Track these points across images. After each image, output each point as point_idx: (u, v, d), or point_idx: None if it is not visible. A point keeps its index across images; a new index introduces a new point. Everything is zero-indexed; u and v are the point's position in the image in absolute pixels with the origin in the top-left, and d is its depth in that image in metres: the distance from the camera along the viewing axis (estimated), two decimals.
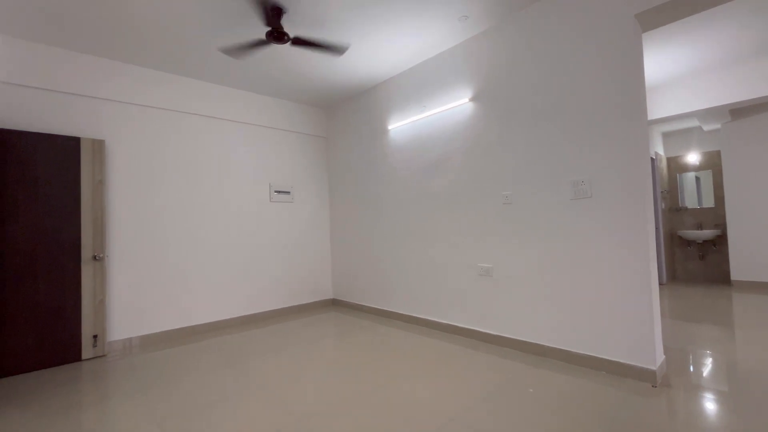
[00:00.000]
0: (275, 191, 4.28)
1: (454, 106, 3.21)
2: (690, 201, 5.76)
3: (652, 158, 5.26)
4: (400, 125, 3.74)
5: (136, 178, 3.34)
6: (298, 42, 2.75)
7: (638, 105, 2.21)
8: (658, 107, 4.66)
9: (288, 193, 4.41)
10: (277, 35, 2.58)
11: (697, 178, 5.70)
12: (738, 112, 4.95)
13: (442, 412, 1.91)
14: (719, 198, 5.46)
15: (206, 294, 3.70)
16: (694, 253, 5.65)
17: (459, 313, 3.18)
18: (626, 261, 2.23)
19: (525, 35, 2.73)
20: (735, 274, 4.99)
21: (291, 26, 2.85)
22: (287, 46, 3.15)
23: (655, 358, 2.12)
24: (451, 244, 3.25)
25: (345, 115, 4.51)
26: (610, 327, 2.29)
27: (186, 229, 3.60)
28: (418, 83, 3.55)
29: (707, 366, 2.39)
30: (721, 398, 1.96)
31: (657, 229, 5.27)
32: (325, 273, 4.72)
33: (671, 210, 5.86)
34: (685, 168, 5.79)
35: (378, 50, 3.27)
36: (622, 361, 2.24)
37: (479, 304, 3.03)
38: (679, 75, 4.29)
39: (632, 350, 2.20)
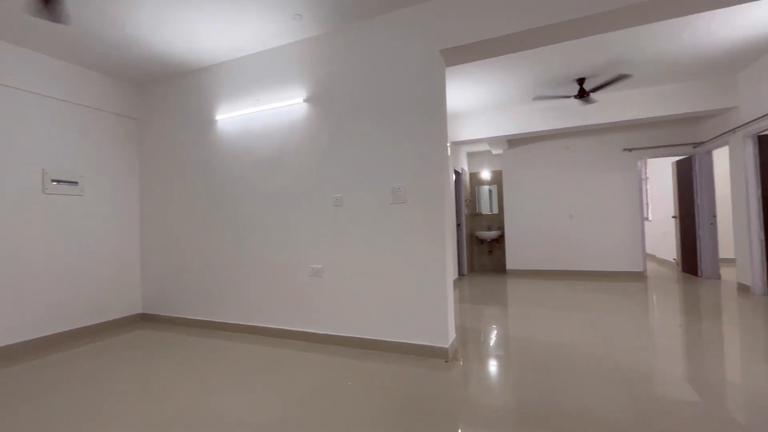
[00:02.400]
0: (53, 180, 3.28)
1: (289, 104, 3.14)
2: (485, 208, 7.30)
3: (458, 172, 6.43)
4: (231, 117, 3.43)
5: None
6: None
7: (440, 127, 2.64)
8: (464, 131, 5.73)
9: (75, 183, 3.44)
10: None
11: (490, 191, 7.27)
12: (513, 141, 6.57)
13: (252, 426, 1.82)
14: (501, 206, 7.11)
15: None
16: (485, 250, 7.19)
17: (291, 316, 3.13)
18: (429, 257, 2.62)
19: (355, 49, 2.90)
20: (509, 265, 6.58)
21: None
22: None
23: (448, 337, 2.56)
24: (285, 246, 3.17)
25: (164, 96, 3.85)
26: (415, 314, 2.65)
27: None
28: (252, 75, 3.33)
29: (488, 338, 3.04)
30: (498, 361, 2.52)
31: (461, 230, 6.47)
32: (132, 283, 3.91)
33: (472, 215, 7.30)
34: (482, 182, 7.31)
35: (198, 30, 2.91)
36: (423, 343, 2.61)
37: (310, 305, 3.05)
38: (477, 107, 5.37)
39: (431, 333, 2.60)
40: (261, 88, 3.29)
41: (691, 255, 5.71)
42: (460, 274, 6.49)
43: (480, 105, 5.26)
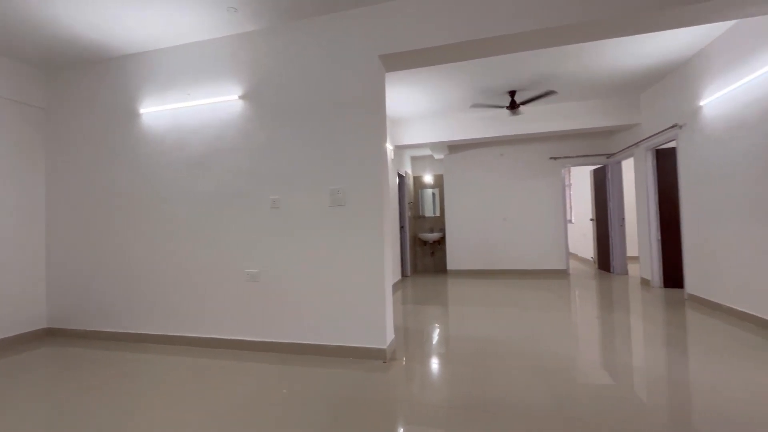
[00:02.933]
0: None
1: (223, 100, 2.99)
2: (428, 211, 7.54)
3: (402, 176, 6.57)
4: (158, 110, 3.17)
5: None
6: None
7: (379, 130, 2.67)
8: (407, 135, 5.87)
9: None
10: None
11: (433, 194, 7.53)
12: (453, 147, 6.86)
13: None
14: (443, 209, 7.39)
15: None
16: (428, 251, 7.42)
17: (224, 324, 2.96)
18: (368, 259, 2.64)
19: (293, 48, 2.84)
20: (450, 266, 6.86)
21: None
22: None
23: (386, 338, 2.60)
24: (218, 250, 2.99)
25: (77, 84, 3.45)
26: (354, 317, 2.65)
27: None
28: (182, 67, 3.11)
29: (427, 336, 3.13)
30: (435, 359, 2.60)
31: (404, 232, 6.61)
32: (35, 294, 3.43)
33: (415, 217, 7.49)
34: (425, 185, 7.54)
35: (124, 15, 2.66)
36: (362, 345, 2.62)
37: (246, 311, 2.91)
38: (420, 113, 5.53)
39: (369, 335, 2.62)
40: (193, 82, 3.08)
41: (605, 254, 6.40)
42: (404, 275, 6.63)
43: (422, 111, 5.43)
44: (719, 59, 3.45)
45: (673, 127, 4.22)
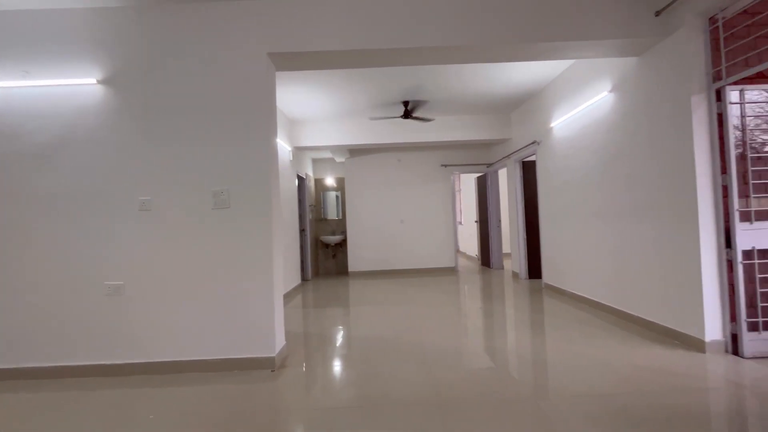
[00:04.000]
0: None
1: (77, 83, 2.53)
2: (330, 213, 7.53)
3: (303, 178, 6.45)
4: None
5: None
6: None
7: (269, 129, 2.58)
8: (307, 137, 5.78)
9: None
10: None
11: (337, 197, 7.54)
12: (354, 151, 7.00)
13: None
14: (344, 212, 7.46)
15: None
16: (330, 254, 7.41)
17: (78, 348, 2.49)
18: (255, 264, 2.51)
19: (171, 33, 2.56)
20: (351, 267, 6.96)
21: None
22: None
23: (274, 346, 2.51)
24: (67, 260, 2.51)
25: None
26: (240, 326, 2.50)
27: None
28: (19, 38, 2.54)
29: (323, 339, 3.11)
30: (328, 361, 2.59)
31: (305, 235, 6.49)
32: None
33: (317, 220, 7.41)
34: (327, 188, 7.51)
35: None
36: (248, 356, 2.49)
37: (107, 330, 2.50)
38: (321, 115, 5.50)
39: (257, 344, 2.50)
40: (34, 57, 2.54)
41: (486, 251, 7.26)
42: (304, 279, 6.49)
43: (323, 113, 5.41)
44: (564, 89, 4.22)
45: (533, 143, 5.01)
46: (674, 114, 2.66)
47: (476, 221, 7.91)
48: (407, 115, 4.92)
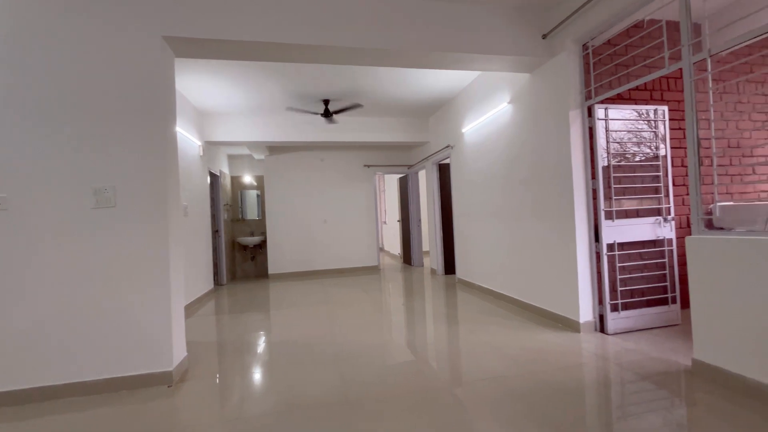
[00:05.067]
0: None
1: None
2: (250, 213, 7.12)
3: (217, 175, 6.00)
4: None
5: None
6: None
7: (165, 120, 2.34)
8: (221, 131, 5.39)
9: None
10: None
11: (258, 196, 7.15)
12: (274, 148, 6.72)
13: None
14: (264, 212, 7.13)
15: None
16: (249, 256, 7.02)
17: None
18: (147, 271, 2.26)
19: (45, 11, 2.17)
20: (271, 269, 6.67)
21: None
22: None
23: (172, 360, 2.28)
24: None
25: None
26: (130, 341, 2.23)
27: None
28: None
29: (233, 347, 2.91)
30: (234, 370, 2.42)
31: (219, 237, 6.05)
32: None
33: (234, 220, 6.96)
34: (245, 186, 7.09)
35: None
36: (141, 372, 2.23)
37: None
38: (235, 108, 5.16)
39: (151, 358, 2.25)
40: None
41: (408, 250, 7.53)
42: (219, 283, 6.05)
43: (239, 107, 5.09)
44: (473, 98, 4.56)
45: (447, 147, 5.34)
46: (557, 126, 3.04)
47: (399, 221, 8.16)
48: (328, 113, 4.87)
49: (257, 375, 2.39)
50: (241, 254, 7.00)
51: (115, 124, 2.25)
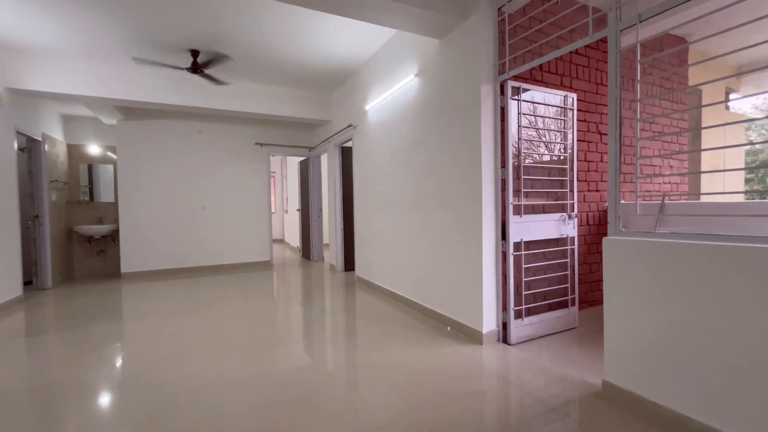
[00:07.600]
0: None
1: None
2: (102, 195, 5.49)
3: (37, 140, 4.38)
4: None
5: None
6: None
7: None
8: (39, 77, 3.86)
9: None
10: None
11: (109, 172, 5.54)
12: (130, 112, 5.21)
13: None
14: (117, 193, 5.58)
15: None
16: (95, 249, 5.43)
17: None
18: None
19: None
20: (125, 267, 5.23)
21: None
22: None
23: None
24: None
25: None
26: None
27: None
28: None
29: (22, 395, 1.80)
30: None
31: (42, 223, 4.46)
32: None
33: (71, 203, 5.28)
34: (91, 159, 5.44)
35: None
36: None
37: None
38: (62, 48, 3.68)
39: None
40: None
41: (307, 242, 6.72)
42: (40, 287, 4.48)
43: (65, 46, 3.64)
44: (378, 70, 3.94)
45: (349, 126, 4.66)
46: (467, 103, 2.58)
47: (298, 210, 7.28)
48: (197, 68, 3.76)
49: None
50: (83, 248, 5.37)
51: None
